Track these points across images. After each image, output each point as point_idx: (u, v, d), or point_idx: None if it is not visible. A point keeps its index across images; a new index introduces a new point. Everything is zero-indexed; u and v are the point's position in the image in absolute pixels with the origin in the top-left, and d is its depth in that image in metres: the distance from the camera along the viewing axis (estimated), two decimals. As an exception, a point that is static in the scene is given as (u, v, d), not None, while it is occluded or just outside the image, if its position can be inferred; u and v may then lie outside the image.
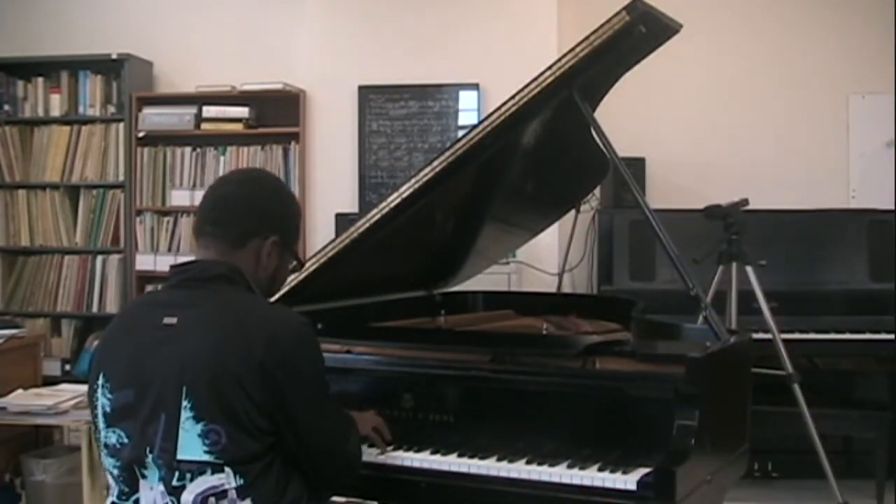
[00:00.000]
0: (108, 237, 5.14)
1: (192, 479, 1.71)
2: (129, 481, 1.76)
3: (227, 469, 1.71)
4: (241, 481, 1.71)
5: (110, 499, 1.82)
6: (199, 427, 1.70)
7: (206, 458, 1.70)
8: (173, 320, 1.78)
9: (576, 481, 1.93)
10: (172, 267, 1.90)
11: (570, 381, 2.12)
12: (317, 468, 1.87)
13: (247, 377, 1.70)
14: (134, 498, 1.76)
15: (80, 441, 3.40)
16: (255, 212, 1.93)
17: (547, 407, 2.11)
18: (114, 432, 1.77)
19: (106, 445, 1.79)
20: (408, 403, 2.21)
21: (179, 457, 1.70)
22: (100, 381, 1.81)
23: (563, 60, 2.28)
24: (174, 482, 1.71)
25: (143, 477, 1.74)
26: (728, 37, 4.99)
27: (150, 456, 1.72)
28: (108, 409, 1.79)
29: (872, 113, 4.89)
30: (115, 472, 1.78)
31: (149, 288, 5.09)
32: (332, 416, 1.91)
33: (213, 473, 1.70)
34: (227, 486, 1.71)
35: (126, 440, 1.76)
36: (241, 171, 2.51)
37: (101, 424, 1.80)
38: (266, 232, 1.93)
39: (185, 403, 1.70)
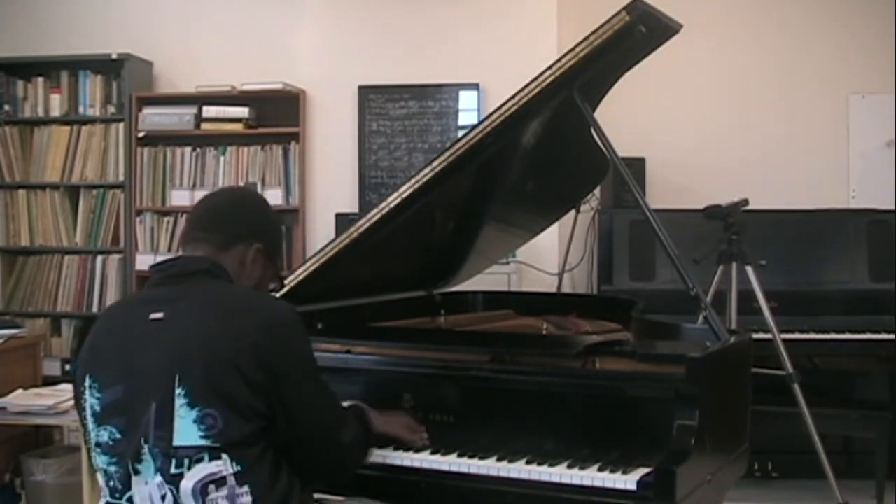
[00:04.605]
0: (108, 237, 5.14)
1: (189, 467, 1.72)
2: (123, 478, 1.76)
3: (224, 455, 1.72)
4: (239, 467, 1.73)
5: (103, 500, 1.82)
6: (193, 413, 1.71)
7: (203, 442, 1.71)
8: (160, 315, 1.80)
9: (576, 481, 1.93)
10: (153, 266, 1.94)
11: (570, 381, 2.12)
12: (306, 457, 1.88)
13: (241, 359, 1.73)
14: (127, 496, 1.76)
15: (80, 441, 3.40)
16: (242, 218, 2.02)
17: (547, 407, 2.11)
18: (105, 430, 1.78)
19: (98, 444, 1.80)
20: (408, 403, 2.21)
21: (176, 443, 1.71)
22: (86, 384, 1.82)
23: (563, 60, 2.28)
24: (172, 470, 1.72)
25: (137, 473, 1.74)
26: (728, 37, 4.99)
27: (145, 447, 1.73)
28: (97, 409, 1.80)
29: (872, 113, 4.89)
30: (111, 468, 1.78)
31: (149, 288, 5.09)
32: (325, 402, 1.92)
33: (210, 460, 1.72)
34: (225, 473, 1.72)
35: (119, 435, 1.77)
36: (229, 186, 2.63)
37: (91, 425, 1.81)
38: (251, 238, 1.99)
39: (178, 391, 1.72)
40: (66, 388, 3.64)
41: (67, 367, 5.05)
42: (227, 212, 2.02)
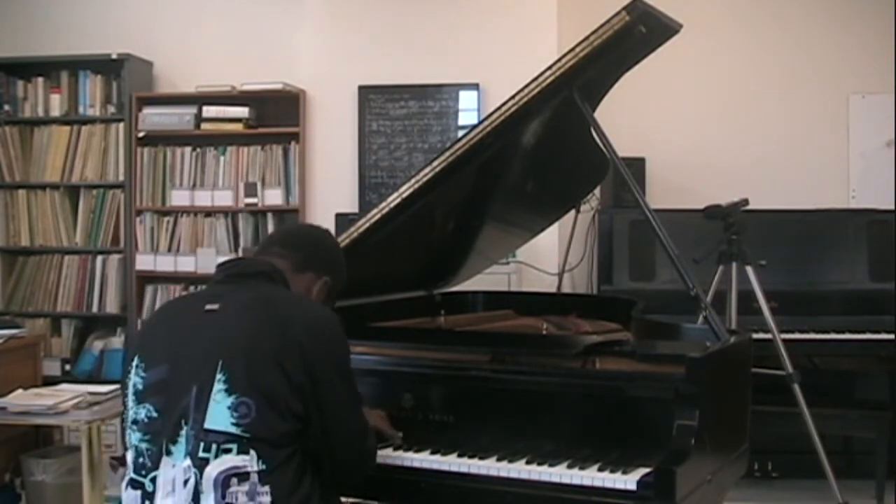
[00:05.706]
0: (108, 237, 5.13)
1: (216, 455, 1.75)
2: (154, 457, 1.81)
3: (252, 451, 1.76)
4: (264, 466, 1.76)
5: (127, 476, 1.86)
6: (230, 400, 1.77)
7: (233, 430, 1.75)
8: (215, 306, 1.89)
9: (576, 481, 1.93)
10: (219, 265, 2.03)
11: (570, 381, 2.12)
12: (335, 462, 1.92)
13: (285, 357, 1.80)
14: (152, 476, 1.81)
15: (80, 441, 3.40)
16: (322, 251, 2.17)
17: (547, 407, 2.11)
18: (143, 407, 1.84)
19: (135, 422, 1.85)
20: (408, 403, 2.22)
21: (207, 426, 1.76)
22: (134, 363, 1.89)
23: (563, 60, 2.29)
24: (200, 454, 1.76)
25: (169, 453, 1.79)
26: (728, 37, 4.99)
27: (184, 428, 1.78)
28: (139, 387, 1.86)
29: (872, 113, 4.89)
30: (143, 446, 1.83)
31: (149, 288, 5.10)
32: (357, 408, 1.97)
33: (238, 453, 1.75)
34: (249, 469, 1.76)
35: (155, 414, 1.82)
36: (312, 223, 2.88)
37: (132, 402, 1.87)
38: (323, 271, 2.12)
39: (219, 376, 1.78)
40: (67, 388, 3.64)
41: (67, 367, 5.06)
42: (311, 240, 2.18)
